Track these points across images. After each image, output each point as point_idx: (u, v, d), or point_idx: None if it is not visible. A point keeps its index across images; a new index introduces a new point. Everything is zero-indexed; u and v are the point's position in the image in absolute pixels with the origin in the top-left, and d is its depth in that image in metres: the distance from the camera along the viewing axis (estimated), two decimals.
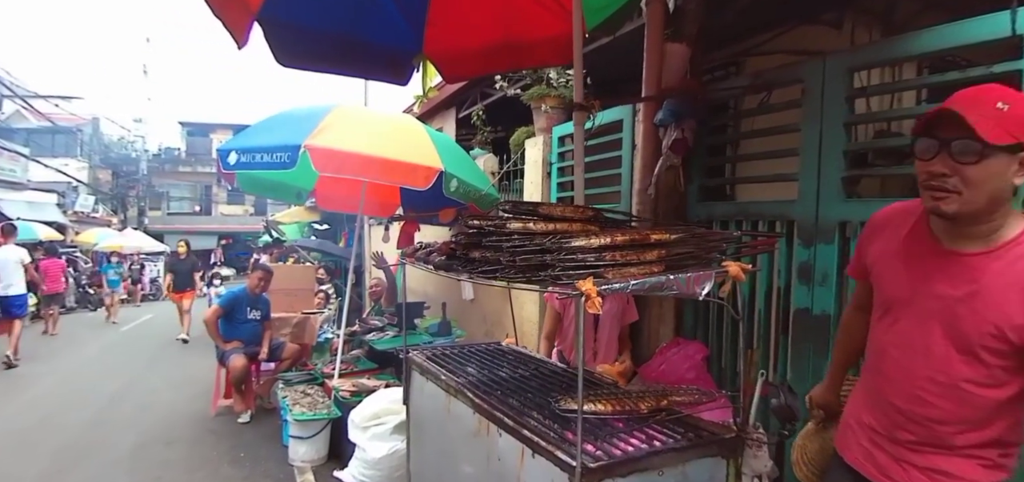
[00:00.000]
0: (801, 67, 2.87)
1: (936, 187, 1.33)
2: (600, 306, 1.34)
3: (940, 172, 1.32)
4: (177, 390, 7.07)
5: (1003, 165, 1.27)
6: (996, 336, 1.31)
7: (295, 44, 3.07)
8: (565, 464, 1.45)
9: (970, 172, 1.28)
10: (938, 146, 1.33)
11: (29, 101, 19.83)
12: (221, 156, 4.47)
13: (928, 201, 1.37)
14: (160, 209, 32.31)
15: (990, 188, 1.29)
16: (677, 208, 3.15)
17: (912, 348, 1.45)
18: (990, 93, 1.31)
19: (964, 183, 1.29)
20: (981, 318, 1.32)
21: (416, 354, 2.64)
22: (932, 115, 1.34)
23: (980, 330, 1.32)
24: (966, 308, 1.35)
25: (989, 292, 1.32)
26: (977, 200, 1.30)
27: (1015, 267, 1.30)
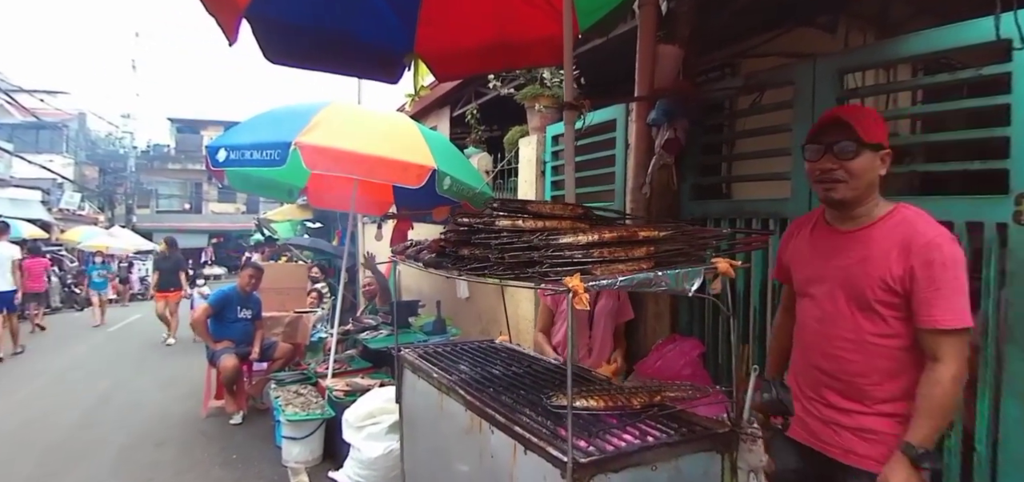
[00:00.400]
0: (792, 69, 2.91)
1: (827, 180, 1.73)
2: (588, 302, 1.34)
3: (829, 168, 1.72)
4: (167, 391, 7.02)
5: (872, 160, 1.70)
6: (883, 288, 1.67)
7: (283, 41, 3.05)
8: (556, 460, 1.45)
9: (850, 165, 1.69)
10: (824, 149, 1.73)
11: (12, 95, 19.53)
12: (210, 153, 4.42)
13: (822, 192, 1.78)
14: (149, 207, 32.01)
15: (866, 177, 1.70)
16: (670, 206, 3.17)
17: (825, 315, 1.80)
18: (856, 108, 1.85)
19: (847, 174, 1.70)
20: (871, 276, 1.68)
21: (408, 352, 2.63)
22: (821, 125, 1.76)
23: (872, 286, 1.68)
24: (859, 270, 1.71)
25: (874, 255, 1.69)
26: (858, 187, 1.71)
27: (891, 235, 1.68)
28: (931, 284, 1.60)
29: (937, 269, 1.60)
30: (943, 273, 1.60)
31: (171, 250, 10.56)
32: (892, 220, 1.71)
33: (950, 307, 1.59)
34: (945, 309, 1.59)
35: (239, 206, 32.71)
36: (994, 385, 2.10)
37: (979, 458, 2.13)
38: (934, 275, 1.60)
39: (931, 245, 1.62)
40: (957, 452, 2.21)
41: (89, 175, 28.46)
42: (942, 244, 1.62)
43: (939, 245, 1.62)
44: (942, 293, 1.60)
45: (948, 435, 2.21)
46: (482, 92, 6.50)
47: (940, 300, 1.60)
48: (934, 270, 1.60)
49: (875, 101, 3.60)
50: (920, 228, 1.66)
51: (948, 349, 1.60)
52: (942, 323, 1.59)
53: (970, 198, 2.20)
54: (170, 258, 10.44)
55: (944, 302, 1.60)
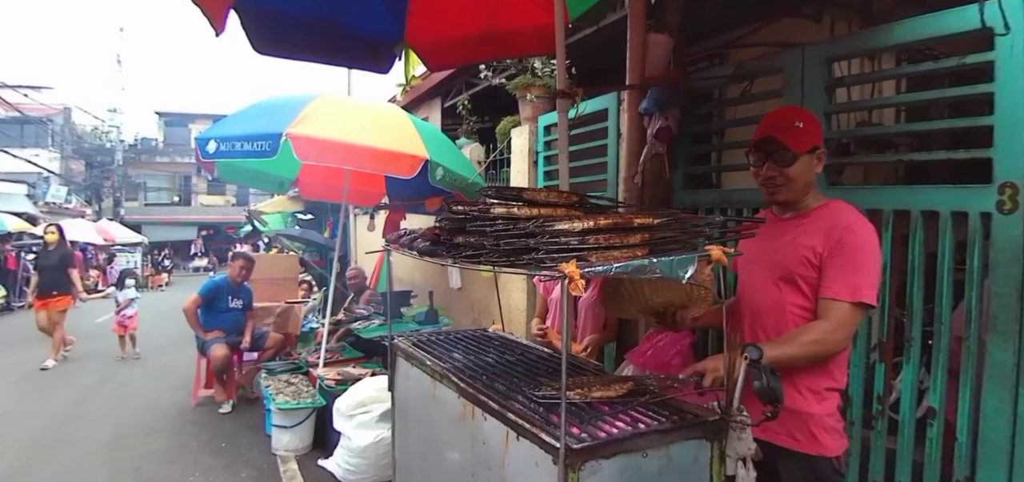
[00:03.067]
0: (780, 57, 2.92)
1: (769, 184, 1.94)
2: (583, 288, 1.35)
3: (770, 175, 1.92)
4: (156, 381, 7.00)
5: (807, 163, 1.89)
6: (805, 263, 1.85)
7: (271, 31, 3.00)
8: (549, 446, 1.46)
9: (788, 171, 1.88)
10: (765, 157, 1.92)
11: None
12: (199, 144, 4.39)
13: (767, 194, 1.99)
14: (137, 200, 31.71)
15: (803, 180, 1.90)
16: (663, 196, 3.17)
17: (756, 289, 2.01)
18: (789, 116, 1.95)
19: (785, 179, 1.89)
20: (796, 252, 1.87)
21: (401, 340, 2.63)
22: (756, 140, 1.94)
23: (795, 259, 1.87)
24: (788, 249, 1.90)
25: (802, 236, 1.88)
26: (796, 188, 1.91)
27: (819, 221, 1.87)
28: (837, 261, 1.79)
29: (846, 250, 1.78)
30: (850, 254, 1.78)
31: (59, 243, 8.22)
32: (823, 210, 1.90)
33: (848, 282, 1.77)
34: (842, 283, 1.77)
35: (229, 198, 32.47)
36: (975, 375, 2.12)
37: (960, 447, 2.15)
38: (842, 254, 1.79)
39: (847, 229, 1.80)
40: (939, 441, 2.23)
41: (75, 169, 28.15)
42: (857, 230, 1.81)
43: (854, 230, 1.80)
44: (844, 270, 1.78)
45: (930, 423, 2.24)
46: (473, 83, 6.48)
47: (840, 276, 1.78)
48: (843, 250, 1.79)
49: (861, 89, 3.63)
50: (842, 216, 1.85)
51: (835, 314, 1.77)
52: (835, 294, 1.78)
53: (954, 188, 2.21)
54: (54, 253, 8.10)
55: (843, 278, 1.77)
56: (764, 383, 1.59)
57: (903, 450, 2.34)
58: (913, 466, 2.32)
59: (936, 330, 2.26)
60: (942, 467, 2.23)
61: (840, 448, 1.87)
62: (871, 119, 3.71)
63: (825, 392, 1.85)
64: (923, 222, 2.31)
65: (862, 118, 3.65)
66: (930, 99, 2.48)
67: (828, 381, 1.85)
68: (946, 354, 2.23)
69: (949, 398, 2.22)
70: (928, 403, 2.28)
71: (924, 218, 2.31)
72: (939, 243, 2.23)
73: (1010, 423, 1.99)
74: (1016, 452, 1.98)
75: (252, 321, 6.09)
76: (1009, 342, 1.99)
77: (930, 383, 2.28)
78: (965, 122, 2.25)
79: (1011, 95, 2.02)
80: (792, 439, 1.87)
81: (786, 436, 1.87)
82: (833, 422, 1.86)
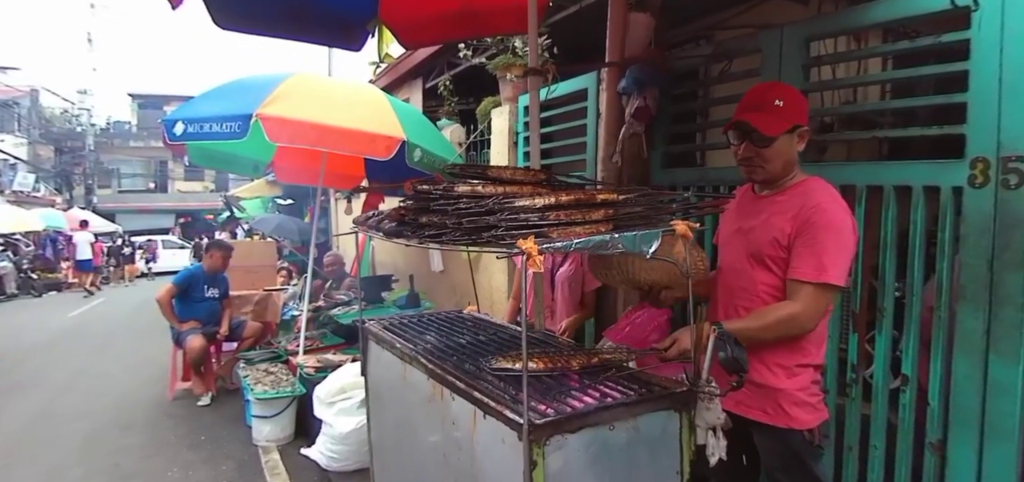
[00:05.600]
0: (759, 37, 2.91)
1: (747, 165, 1.91)
2: (540, 265, 1.33)
3: (747, 156, 1.89)
4: (132, 374, 6.85)
5: (787, 142, 1.85)
6: (774, 244, 1.84)
7: (234, 4, 2.92)
8: (513, 423, 1.45)
9: (765, 152, 1.85)
10: (741, 137, 1.90)
11: None
12: (166, 126, 4.24)
13: (744, 172, 1.97)
14: (110, 187, 30.93)
15: (782, 158, 1.86)
16: (641, 175, 3.17)
17: (730, 267, 2.02)
18: (769, 94, 1.89)
19: (763, 160, 1.86)
20: (767, 234, 1.86)
21: (373, 324, 2.60)
22: (731, 124, 1.91)
23: (765, 240, 1.86)
24: (759, 228, 1.90)
25: (773, 217, 1.86)
26: (775, 168, 1.88)
27: (792, 200, 1.84)
28: (805, 241, 1.78)
29: (813, 229, 1.77)
30: (817, 233, 1.76)
31: None
32: (798, 188, 1.88)
33: (814, 263, 1.75)
34: (808, 264, 1.76)
35: (207, 184, 31.81)
36: (946, 343, 2.17)
37: (932, 411, 2.21)
38: (810, 234, 1.77)
39: (816, 208, 1.78)
40: (912, 407, 2.29)
41: (44, 155, 27.30)
42: (826, 208, 1.78)
43: (823, 209, 1.78)
44: (812, 250, 1.76)
45: (902, 390, 2.29)
46: (455, 63, 6.40)
47: (808, 256, 1.77)
48: (810, 230, 1.77)
49: (846, 68, 3.63)
50: (814, 195, 1.82)
51: (802, 295, 1.77)
52: (801, 275, 1.77)
53: (928, 163, 2.23)
54: None
55: (809, 258, 1.76)
56: (729, 354, 1.59)
57: (877, 415, 2.41)
58: (888, 429, 2.38)
59: (908, 300, 2.30)
60: (915, 431, 2.28)
61: (814, 421, 1.88)
62: (857, 97, 3.72)
63: (795, 368, 1.87)
64: (896, 197, 2.33)
65: (847, 97, 3.66)
66: (906, 77, 2.52)
67: (799, 357, 1.87)
68: (918, 323, 2.27)
69: (921, 364, 2.27)
70: (902, 371, 2.32)
71: (897, 193, 2.33)
72: (912, 217, 2.26)
73: (980, 388, 2.05)
74: (986, 415, 2.04)
75: (229, 310, 5.99)
76: (979, 311, 2.04)
77: (903, 351, 2.33)
78: (940, 100, 2.27)
79: (984, 72, 2.04)
80: (763, 412, 1.90)
81: (758, 410, 1.91)
82: (805, 397, 1.87)
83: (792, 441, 1.87)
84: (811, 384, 1.90)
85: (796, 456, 1.88)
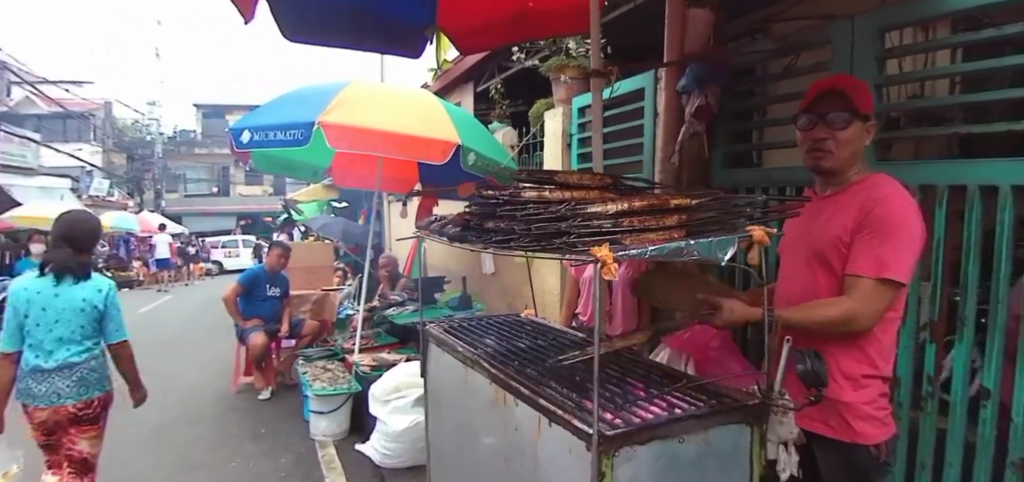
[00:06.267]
0: (829, 28, 2.79)
1: (817, 149, 1.81)
2: (616, 273, 1.30)
3: (821, 137, 1.80)
4: (198, 370, 7.15)
5: (859, 130, 1.78)
6: (838, 242, 1.76)
7: (301, 17, 3.00)
8: (582, 432, 1.42)
9: (841, 134, 1.77)
10: (817, 118, 1.80)
11: (38, 87, 19.95)
12: (233, 135, 4.44)
13: (811, 161, 1.85)
14: (177, 191, 32.57)
15: (853, 147, 1.79)
16: (701, 176, 3.09)
17: (791, 274, 1.93)
18: (841, 82, 1.83)
19: (837, 144, 1.78)
20: (829, 232, 1.78)
21: (433, 327, 2.62)
22: (815, 94, 1.81)
23: (828, 239, 1.78)
24: (821, 228, 1.82)
25: (836, 215, 1.78)
26: (845, 155, 1.79)
27: (856, 197, 1.76)
28: (867, 235, 1.69)
29: (875, 222, 1.68)
30: (879, 226, 1.68)
31: None
32: (862, 184, 1.79)
33: (873, 257, 1.67)
34: (867, 259, 1.68)
35: (266, 188, 33.14)
36: None
37: (1015, 428, 2.07)
38: (872, 228, 1.69)
39: (879, 201, 1.70)
40: (993, 423, 2.14)
41: (117, 162, 28.84)
42: (889, 201, 1.70)
43: (886, 202, 1.70)
44: (870, 245, 1.68)
45: (983, 404, 2.15)
46: (506, 66, 6.41)
47: (866, 250, 1.68)
48: (871, 222, 1.69)
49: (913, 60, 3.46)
50: (877, 188, 1.75)
51: (860, 291, 1.68)
52: (859, 270, 1.69)
53: (1017, 161, 2.08)
54: None
55: (869, 253, 1.68)
56: (808, 366, 1.53)
57: (955, 431, 2.26)
58: (965, 447, 2.24)
59: (991, 308, 2.15)
60: (996, 448, 2.14)
61: (882, 436, 1.77)
62: (923, 91, 3.53)
63: (863, 380, 1.75)
64: (981, 197, 2.19)
65: (912, 91, 3.48)
66: (989, 69, 2.35)
67: (866, 368, 1.75)
68: (1003, 333, 2.12)
69: (1005, 378, 2.12)
70: (980, 383, 2.18)
71: (982, 193, 2.18)
72: (998, 217, 2.11)
73: None
74: None
75: (289, 309, 6.20)
76: None
77: (983, 363, 2.18)
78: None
79: None
80: (826, 426, 1.79)
81: (820, 424, 1.80)
82: (872, 411, 1.76)
83: (857, 457, 1.76)
84: (879, 397, 1.78)
85: (861, 473, 1.78)
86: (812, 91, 1.84)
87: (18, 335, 2.79)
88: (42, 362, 2.77)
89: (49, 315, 2.78)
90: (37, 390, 2.76)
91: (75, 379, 2.82)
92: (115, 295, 3.01)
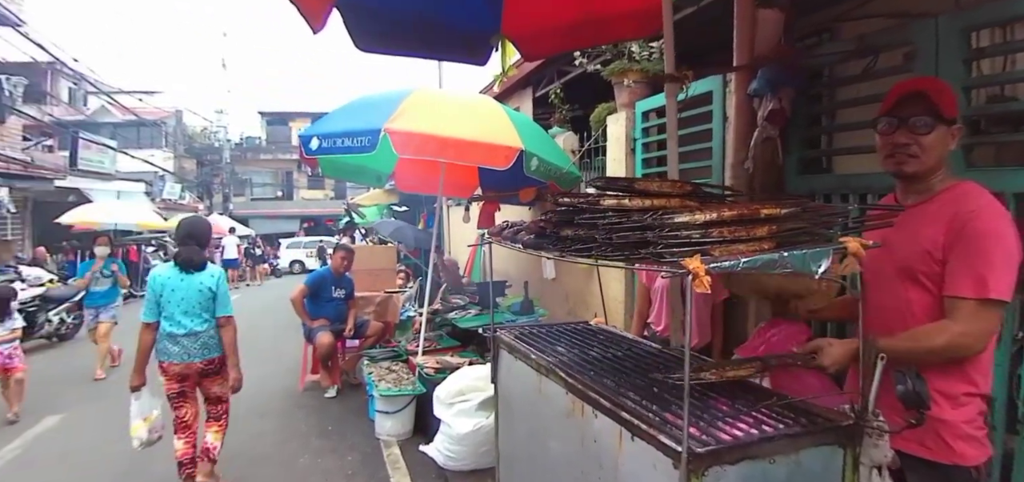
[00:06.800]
0: (910, 29, 2.66)
1: (900, 154, 1.73)
2: (707, 285, 1.27)
3: (903, 142, 1.72)
4: (266, 366, 7.39)
5: (944, 135, 1.70)
6: (928, 258, 1.68)
7: (372, 27, 3.09)
8: (669, 449, 1.39)
9: (924, 139, 1.69)
10: (898, 122, 1.72)
11: (113, 97, 21.31)
12: (303, 142, 4.61)
13: (892, 166, 1.77)
14: (244, 195, 33.98)
15: (938, 152, 1.71)
16: (775, 182, 2.99)
17: (878, 286, 1.80)
18: (923, 84, 1.77)
19: (921, 148, 1.70)
20: (918, 246, 1.70)
21: (504, 333, 2.63)
22: (896, 97, 1.74)
23: (917, 254, 1.70)
24: (908, 242, 1.73)
25: (923, 228, 1.70)
26: (929, 161, 1.71)
27: (944, 208, 1.68)
28: (962, 252, 1.62)
29: (970, 238, 1.61)
30: (977, 243, 1.60)
31: None
32: (948, 195, 1.71)
33: (973, 277, 1.59)
34: (967, 279, 1.60)
35: (328, 192, 34.16)
36: None
37: None
38: (968, 244, 1.61)
39: (971, 214, 1.62)
40: None
41: (187, 167, 30.34)
42: (984, 214, 1.62)
43: (980, 215, 1.62)
44: (968, 263, 1.60)
45: None
46: (565, 71, 6.39)
47: (965, 270, 1.60)
48: (966, 238, 1.61)
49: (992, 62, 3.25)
50: (968, 200, 1.66)
51: (964, 314, 1.60)
52: (959, 291, 1.61)
53: None
54: None
55: (968, 272, 1.60)
56: (909, 387, 1.45)
57: None
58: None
59: None
60: None
61: (981, 457, 1.67)
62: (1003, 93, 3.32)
63: (962, 398, 1.67)
64: None
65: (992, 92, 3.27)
66: None
67: (966, 386, 1.67)
68: None
69: None
70: None
71: None
72: None
73: None
74: None
75: (354, 310, 6.36)
76: None
77: None
78: None
79: None
80: (922, 446, 1.69)
81: (915, 444, 1.69)
82: (971, 430, 1.67)
83: (957, 479, 1.67)
84: (977, 416, 1.69)
85: None
86: (893, 93, 1.76)
87: (156, 310, 3.65)
88: (174, 329, 3.64)
89: (177, 295, 3.65)
90: (172, 350, 3.65)
91: (199, 344, 3.71)
92: (224, 281, 3.88)
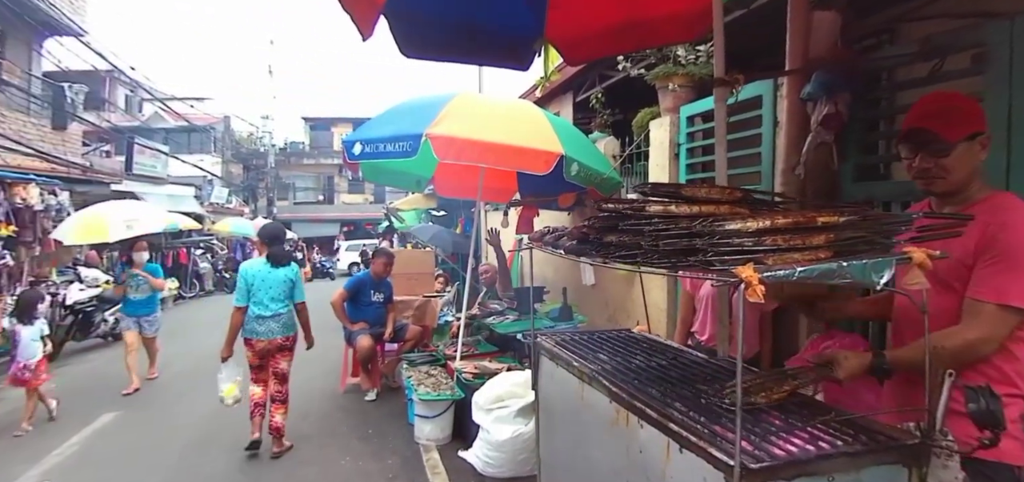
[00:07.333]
0: (982, 30, 2.52)
1: (924, 177, 1.75)
2: (761, 295, 1.22)
3: (924, 167, 1.73)
4: (307, 368, 7.46)
5: (966, 150, 1.69)
6: (958, 266, 1.67)
7: (419, 35, 3.12)
8: (721, 463, 1.34)
9: (945, 162, 1.70)
10: (916, 148, 1.74)
11: (166, 103, 22.14)
12: (346, 147, 4.68)
13: (922, 186, 1.80)
14: (287, 199, 34.81)
15: (963, 168, 1.70)
16: (829, 188, 2.88)
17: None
18: (942, 101, 1.80)
19: (943, 170, 1.71)
20: (953, 256, 1.62)
21: (545, 339, 2.60)
22: (907, 127, 1.77)
23: (952, 264, 1.65)
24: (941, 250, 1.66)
25: (958, 238, 1.64)
26: (957, 178, 1.72)
27: (978, 220, 1.63)
28: (987, 259, 1.63)
29: (998, 247, 1.61)
30: (1003, 251, 1.61)
31: None
32: (985, 204, 1.71)
33: (995, 283, 1.60)
34: (989, 284, 1.61)
35: (367, 196, 34.75)
36: None
37: None
38: (993, 252, 1.62)
39: (1002, 226, 1.63)
40: None
41: (234, 172, 31.19)
42: (1014, 226, 1.63)
43: (1010, 227, 1.63)
44: (993, 270, 1.62)
45: None
46: (607, 75, 6.32)
47: (988, 276, 1.62)
48: (995, 247, 1.62)
49: None
50: (1001, 212, 1.67)
51: (981, 318, 1.62)
52: (979, 295, 1.63)
53: None
54: None
55: (991, 278, 1.61)
56: (982, 406, 1.37)
57: None
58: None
59: None
60: None
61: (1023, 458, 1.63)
62: None
63: (1005, 398, 1.58)
64: None
65: None
66: None
67: (1007, 388, 1.64)
68: None
69: None
70: None
71: None
72: None
73: None
74: None
75: (393, 314, 6.42)
76: None
77: None
78: None
79: None
80: None
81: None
82: (1016, 430, 1.61)
83: (1000, 477, 1.64)
84: (1020, 417, 1.64)
85: None
86: (906, 120, 1.79)
87: (246, 296, 4.60)
88: (262, 312, 4.59)
89: (267, 284, 4.62)
90: (260, 329, 4.60)
91: (281, 323, 4.66)
92: (300, 274, 4.87)
